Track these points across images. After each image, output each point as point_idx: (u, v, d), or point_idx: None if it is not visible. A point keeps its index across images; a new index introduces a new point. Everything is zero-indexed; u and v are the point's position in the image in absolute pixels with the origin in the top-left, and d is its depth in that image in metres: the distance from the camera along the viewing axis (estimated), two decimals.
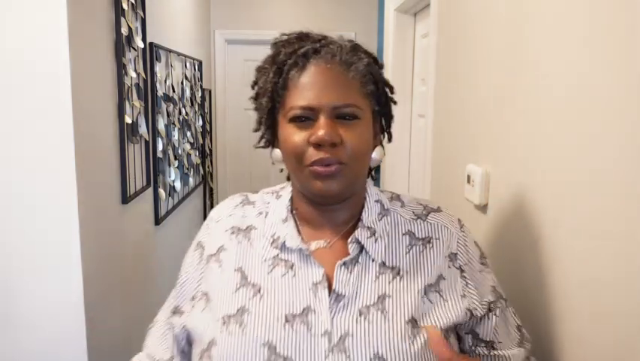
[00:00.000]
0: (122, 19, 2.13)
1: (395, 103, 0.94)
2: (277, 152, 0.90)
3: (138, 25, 2.41)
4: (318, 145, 0.79)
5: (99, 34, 1.94)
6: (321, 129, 0.79)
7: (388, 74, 2.93)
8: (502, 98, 1.20)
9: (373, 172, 0.99)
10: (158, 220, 2.75)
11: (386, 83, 0.91)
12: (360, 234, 0.86)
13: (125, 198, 2.19)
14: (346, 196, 0.87)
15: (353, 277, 0.83)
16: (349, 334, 0.79)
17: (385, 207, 0.91)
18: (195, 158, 3.81)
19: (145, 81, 2.52)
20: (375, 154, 0.90)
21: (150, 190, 2.65)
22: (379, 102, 0.89)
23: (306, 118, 0.81)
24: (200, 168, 4.07)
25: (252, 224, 0.92)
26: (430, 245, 0.88)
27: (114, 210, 2.11)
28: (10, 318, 1.72)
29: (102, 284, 1.95)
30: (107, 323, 2.00)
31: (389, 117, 0.93)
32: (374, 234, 0.87)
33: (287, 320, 0.80)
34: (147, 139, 2.54)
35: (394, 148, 2.88)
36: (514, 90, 1.13)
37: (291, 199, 0.92)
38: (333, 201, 0.87)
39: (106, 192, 2.03)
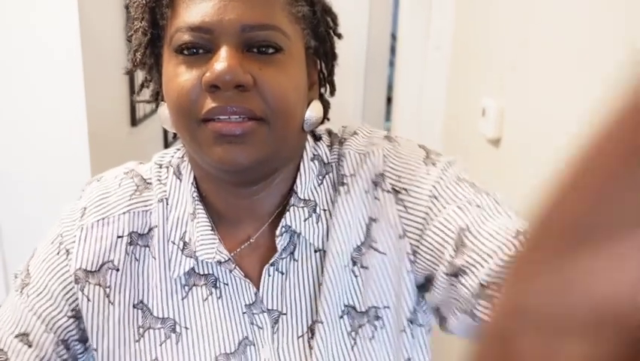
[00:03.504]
0: None
1: (340, 37, 0.62)
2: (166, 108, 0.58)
3: None
4: (214, 87, 0.50)
5: None
6: (220, 62, 0.49)
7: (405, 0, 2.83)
8: (523, 31, 1.16)
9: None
10: (167, 144, 2.76)
11: (326, 8, 0.60)
12: (293, 216, 0.58)
13: (135, 121, 2.18)
14: (266, 173, 0.57)
15: (290, 280, 0.60)
16: None
17: (327, 162, 0.62)
18: None
19: None
20: (311, 111, 0.58)
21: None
22: (316, 34, 0.58)
23: (199, 48, 0.52)
24: None
25: (153, 223, 0.61)
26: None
27: (123, 133, 2.11)
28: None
29: None
30: None
31: (331, 59, 0.62)
32: (314, 210, 0.59)
33: None
34: None
35: (406, 80, 2.83)
36: (534, 24, 1.09)
37: (196, 180, 0.62)
38: (245, 180, 0.57)
39: (115, 116, 2.02)
